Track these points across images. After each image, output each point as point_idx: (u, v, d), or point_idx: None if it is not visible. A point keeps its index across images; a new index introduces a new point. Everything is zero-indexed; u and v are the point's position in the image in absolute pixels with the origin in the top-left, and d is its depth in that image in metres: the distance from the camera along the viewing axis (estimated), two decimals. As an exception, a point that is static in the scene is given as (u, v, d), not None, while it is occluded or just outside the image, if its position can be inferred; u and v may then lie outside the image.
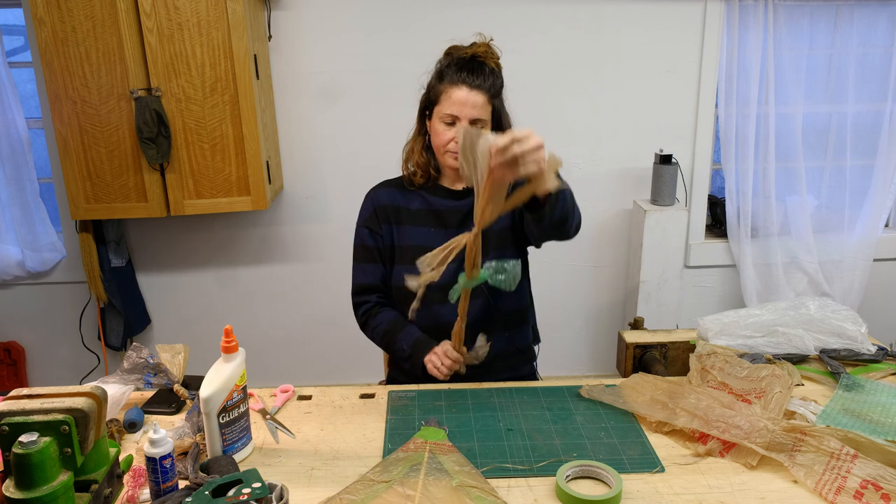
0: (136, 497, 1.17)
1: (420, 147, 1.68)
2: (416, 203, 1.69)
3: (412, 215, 1.68)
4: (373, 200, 1.72)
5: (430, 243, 1.60)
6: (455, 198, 1.68)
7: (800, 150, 2.95)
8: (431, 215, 1.68)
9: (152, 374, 1.53)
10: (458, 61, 1.57)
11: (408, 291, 1.60)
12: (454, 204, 1.67)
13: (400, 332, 1.63)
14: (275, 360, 3.13)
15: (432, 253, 1.37)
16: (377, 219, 1.70)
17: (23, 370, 3.13)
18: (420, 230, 1.67)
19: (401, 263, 1.68)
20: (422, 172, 1.68)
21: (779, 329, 1.67)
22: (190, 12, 2.39)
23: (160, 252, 3.00)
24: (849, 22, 2.85)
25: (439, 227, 1.67)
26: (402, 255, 1.68)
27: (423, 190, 1.70)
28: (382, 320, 1.67)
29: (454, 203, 1.67)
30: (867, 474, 1.16)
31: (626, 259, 3.11)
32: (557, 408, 1.46)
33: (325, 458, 1.30)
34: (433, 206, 1.68)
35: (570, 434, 1.36)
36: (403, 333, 1.62)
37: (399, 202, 1.70)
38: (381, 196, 1.72)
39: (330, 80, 2.83)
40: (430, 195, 1.69)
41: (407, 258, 1.65)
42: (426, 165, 1.67)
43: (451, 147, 1.58)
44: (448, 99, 1.55)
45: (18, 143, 2.82)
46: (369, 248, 1.70)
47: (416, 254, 1.58)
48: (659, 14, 2.82)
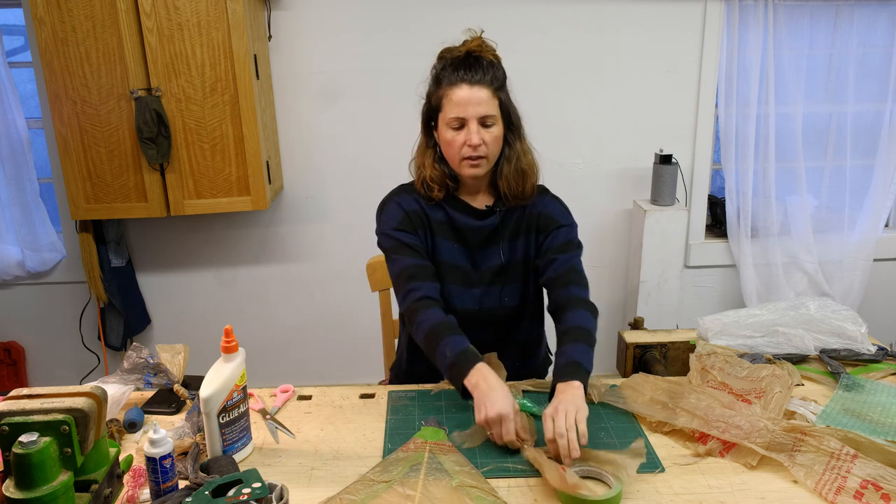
0: (136, 497, 1.17)
1: (431, 160, 1.56)
2: (438, 214, 1.59)
3: (439, 226, 1.59)
4: (400, 205, 1.58)
5: (455, 260, 1.59)
6: (476, 216, 1.58)
7: (800, 150, 2.95)
8: (454, 231, 1.59)
9: (152, 374, 1.53)
10: (453, 61, 1.48)
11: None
12: (477, 224, 1.58)
13: (449, 336, 1.42)
14: (275, 360, 3.13)
15: (469, 434, 1.34)
16: (411, 222, 1.57)
17: (23, 370, 3.13)
18: (447, 244, 1.59)
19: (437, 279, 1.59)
20: (438, 187, 1.56)
21: (779, 329, 1.67)
22: (190, 12, 2.39)
23: (160, 252, 3.00)
24: (849, 22, 2.85)
25: (463, 245, 1.59)
26: (439, 270, 1.59)
27: (443, 203, 1.59)
28: (433, 317, 1.45)
29: (477, 223, 1.58)
30: (867, 474, 1.16)
31: (626, 259, 3.11)
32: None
33: (325, 458, 1.30)
34: (455, 223, 1.58)
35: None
36: (452, 339, 1.41)
37: (425, 209, 1.59)
38: (408, 202, 1.59)
39: (330, 80, 2.83)
40: (450, 208, 1.59)
41: (439, 273, 1.58)
42: (442, 178, 1.56)
43: (465, 153, 1.48)
44: (450, 102, 1.47)
45: (18, 143, 2.82)
46: (413, 246, 1.54)
47: (445, 270, 1.59)
48: (659, 14, 2.82)
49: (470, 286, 1.61)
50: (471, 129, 1.46)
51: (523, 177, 1.56)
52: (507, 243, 1.60)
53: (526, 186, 1.57)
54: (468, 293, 1.60)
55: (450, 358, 1.38)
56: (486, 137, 1.47)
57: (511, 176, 1.55)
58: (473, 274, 1.61)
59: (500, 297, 1.61)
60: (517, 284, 1.62)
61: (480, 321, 1.61)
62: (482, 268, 1.60)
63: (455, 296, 1.60)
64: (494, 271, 1.60)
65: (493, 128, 1.49)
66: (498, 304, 1.61)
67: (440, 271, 1.59)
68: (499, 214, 1.58)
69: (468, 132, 1.47)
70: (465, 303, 1.60)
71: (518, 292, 1.63)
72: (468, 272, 1.60)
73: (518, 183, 1.55)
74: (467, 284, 1.60)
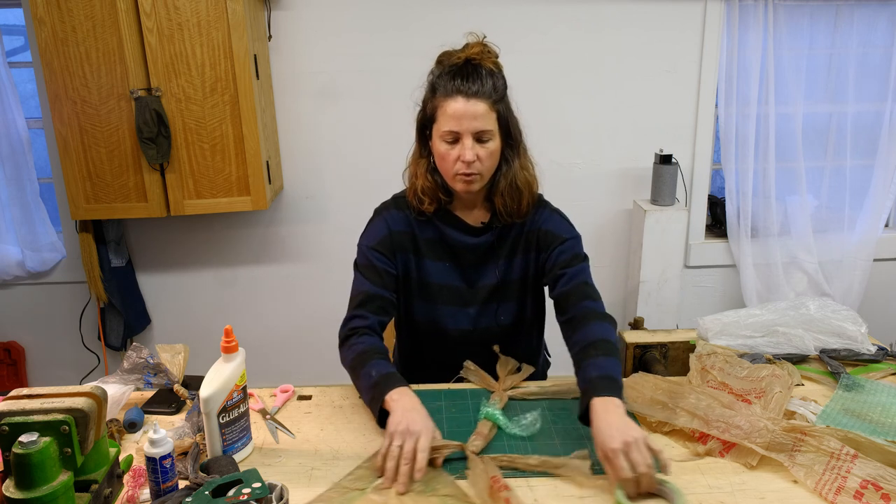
0: (136, 497, 1.17)
1: (424, 170, 1.49)
2: (428, 232, 1.53)
3: (428, 246, 1.53)
4: (388, 223, 1.52)
5: (448, 281, 1.55)
6: (471, 234, 1.52)
7: (800, 150, 2.95)
8: (446, 249, 1.53)
9: (152, 374, 1.53)
10: (451, 69, 1.40)
11: (426, 328, 1.57)
12: (472, 241, 1.52)
13: (375, 359, 1.37)
14: (275, 360, 3.13)
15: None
16: (391, 245, 1.51)
17: (23, 370, 3.13)
18: (437, 265, 1.54)
19: (422, 299, 1.57)
20: (430, 199, 1.49)
21: (779, 329, 1.67)
22: (190, 12, 2.39)
23: (160, 252, 3.00)
24: (849, 22, 2.85)
25: (455, 263, 1.54)
26: (423, 291, 1.56)
27: (435, 217, 1.52)
28: (367, 342, 1.41)
29: (471, 240, 1.52)
30: (867, 474, 1.16)
31: (626, 259, 3.11)
32: (557, 407, 1.45)
33: (325, 458, 1.30)
34: (447, 240, 1.53)
35: (569, 434, 1.36)
36: (380, 363, 1.36)
37: (413, 230, 1.53)
38: (397, 220, 1.53)
39: (330, 80, 2.83)
40: (442, 224, 1.52)
41: (428, 295, 1.56)
42: (434, 191, 1.48)
43: (458, 168, 1.41)
44: (444, 114, 1.39)
45: (18, 143, 2.82)
46: (380, 271, 1.49)
47: (436, 291, 1.55)
48: (659, 14, 2.82)
49: (464, 305, 1.56)
50: (465, 144, 1.39)
51: (520, 194, 1.49)
52: (504, 261, 1.55)
53: (522, 204, 1.50)
54: (462, 313, 1.57)
55: (374, 378, 1.33)
56: (480, 153, 1.40)
57: (506, 193, 1.48)
58: (468, 292, 1.56)
59: (495, 315, 1.57)
60: (513, 303, 1.58)
61: (476, 341, 1.58)
62: (477, 286, 1.56)
63: (448, 316, 1.57)
64: (490, 290, 1.56)
65: (489, 143, 1.41)
66: (494, 323, 1.58)
67: (430, 293, 1.55)
68: (494, 232, 1.53)
69: (462, 147, 1.39)
70: (459, 323, 1.57)
71: (514, 311, 1.59)
72: (462, 291, 1.56)
73: (514, 200, 1.49)
74: (461, 304, 1.56)
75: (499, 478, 1.16)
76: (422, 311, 1.59)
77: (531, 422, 1.36)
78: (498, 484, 1.14)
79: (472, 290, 1.56)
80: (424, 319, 1.59)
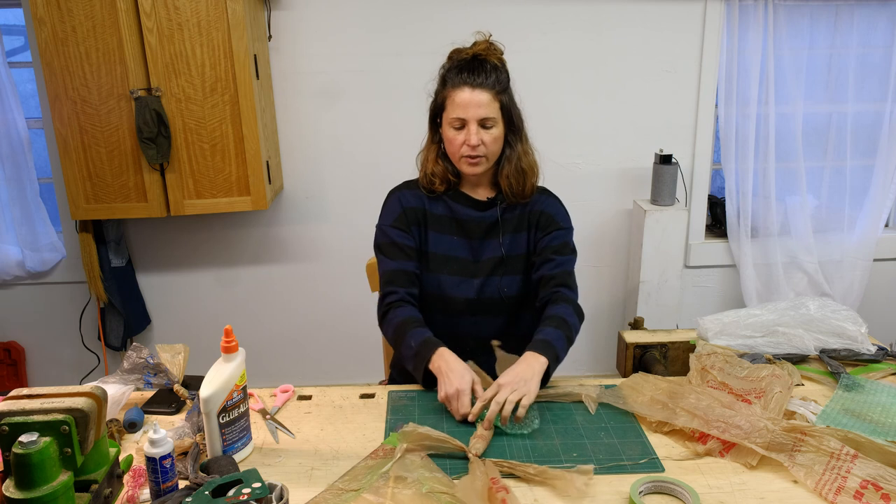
0: (136, 497, 1.17)
1: (434, 156, 1.65)
2: (439, 208, 1.66)
3: (437, 221, 1.66)
4: (400, 201, 1.67)
5: (456, 253, 1.66)
6: (478, 208, 1.65)
7: (800, 150, 2.95)
8: (455, 223, 1.66)
9: (152, 374, 1.53)
10: (459, 63, 1.56)
11: (437, 298, 1.66)
12: (478, 215, 1.65)
13: (412, 329, 1.52)
14: (275, 360, 3.13)
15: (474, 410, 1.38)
16: (406, 219, 1.65)
17: (23, 370, 3.13)
18: (445, 238, 1.66)
19: (430, 271, 1.65)
20: (440, 181, 1.65)
21: (779, 329, 1.67)
22: (190, 12, 2.39)
23: (160, 252, 3.00)
24: (849, 22, 2.85)
25: (463, 237, 1.66)
26: (431, 262, 1.65)
27: (446, 196, 1.67)
28: (401, 315, 1.56)
29: (478, 214, 1.65)
30: (867, 474, 1.16)
31: (626, 259, 3.11)
32: (557, 407, 1.46)
33: (325, 458, 1.30)
34: (456, 215, 1.66)
35: (569, 434, 1.36)
36: (415, 331, 1.52)
37: (424, 205, 1.67)
38: (408, 198, 1.67)
39: (330, 80, 2.83)
40: (452, 202, 1.66)
41: (436, 266, 1.65)
42: (444, 173, 1.64)
43: (464, 151, 1.57)
44: (452, 102, 1.55)
45: (18, 143, 2.82)
46: (401, 245, 1.63)
47: (444, 263, 1.65)
48: (659, 14, 2.82)
49: (470, 276, 1.65)
50: (470, 129, 1.54)
51: (524, 176, 1.64)
52: (509, 236, 1.66)
53: (526, 185, 1.64)
54: (467, 283, 1.64)
55: (414, 348, 1.49)
56: (484, 138, 1.55)
57: (512, 175, 1.63)
58: (473, 265, 1.65)
59: (499, 287, 1.65)
60: (517, 275, 1.66)
61: (480, 311, 1.65)
62: (482, 259, 1.65)
63: (453, 285, 1.64)
64: (494, 262, 1.65)
65: (492, 129, 1.56)
66: (497, 295, 1.65)
67: (438, 264, 1.65)
68: (499, 208, 1.65)
69: (468, 132, 1.55)
70: (464, 292, 1.64)
71: (518, 283, 1.66)
72: (468, 263, 1.65)
73: (518, 182, 1.63)
74: (466, 274, 1.65)
75: (498, 479, 1.16)
76: (429, 281, 1.66)
77: (530, 419, 1.38)
78: (497, 485, 1.14)
79: (477, 263, 1.66)
80: (432, 289, 1.66)
